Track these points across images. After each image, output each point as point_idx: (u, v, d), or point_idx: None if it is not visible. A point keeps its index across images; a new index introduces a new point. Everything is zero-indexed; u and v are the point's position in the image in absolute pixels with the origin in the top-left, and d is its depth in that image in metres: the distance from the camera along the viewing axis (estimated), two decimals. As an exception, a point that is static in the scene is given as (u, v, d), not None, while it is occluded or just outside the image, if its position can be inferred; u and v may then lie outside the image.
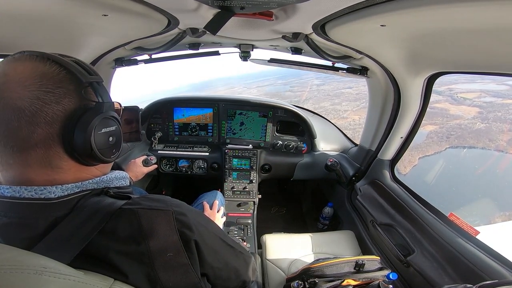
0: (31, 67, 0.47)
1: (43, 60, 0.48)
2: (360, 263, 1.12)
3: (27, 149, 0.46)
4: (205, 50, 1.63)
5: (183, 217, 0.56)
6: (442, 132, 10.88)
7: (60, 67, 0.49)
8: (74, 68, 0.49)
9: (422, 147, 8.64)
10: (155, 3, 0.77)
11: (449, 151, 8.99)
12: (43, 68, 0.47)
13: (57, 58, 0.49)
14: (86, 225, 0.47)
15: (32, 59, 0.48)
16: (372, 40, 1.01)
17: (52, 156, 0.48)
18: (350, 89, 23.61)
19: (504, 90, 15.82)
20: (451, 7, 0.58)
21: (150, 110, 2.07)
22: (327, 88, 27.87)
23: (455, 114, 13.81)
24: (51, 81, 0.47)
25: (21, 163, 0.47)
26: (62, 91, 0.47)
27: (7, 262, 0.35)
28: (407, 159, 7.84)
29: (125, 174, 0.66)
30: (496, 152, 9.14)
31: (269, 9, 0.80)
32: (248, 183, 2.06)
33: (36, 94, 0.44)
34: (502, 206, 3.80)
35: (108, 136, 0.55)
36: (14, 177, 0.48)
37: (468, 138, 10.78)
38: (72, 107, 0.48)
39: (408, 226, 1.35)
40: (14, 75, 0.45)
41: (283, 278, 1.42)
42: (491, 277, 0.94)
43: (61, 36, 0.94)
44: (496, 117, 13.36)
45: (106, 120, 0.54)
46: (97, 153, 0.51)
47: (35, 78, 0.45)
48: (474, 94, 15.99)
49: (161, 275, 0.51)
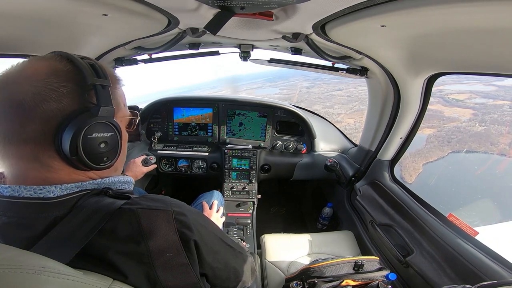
0: (47, 64, 0.49)
1: (61, 59, 0.50)
2: (359, 264, 1.12)
3: (19, 142, 0.46)
4: (205, 50, 1.63)
5: (183, 217, 0.56)
6: (442, 136, 10.85)
7: (73, 66, 0.50)
8: (84, 68, 0.49)
9: (425, 153, 8.58)
10: (155, 3, 0.76)
11: (452, 156, 8.94)
12: (57, 66, 0.49)
13: (74, 58, 0.50)
14: (86, 225, 0.47)
15: (53, 58, 0.50)
16: (372, 41, 1.01)
17: (42, 154, 0.48)
18: (340, 91, 23.35)
19: (492, 91, 15.87)
20: (451, 7, 0.58)
21: (150, 110, 2.07)
22: (317, 91, 27.62)
23: (450, 116, 13.81)
24: (58, 78, 0.47)
25: (14, 155, 0.48)
26: (65, 90, 0.47)
27: (6, 262, 0.35)
28: (411, 166, 7.79)
29: (130, 179, 0.65)
30: (499, 156, 9.11)
31: (269, 9, 0.80)
32: (248, 183, 2.06)
33: (39, 90, 0.45)
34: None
35: (99, 142, 0.51)
36: (9, 169, 0.49)
37: (469, 142, 10.75)
38: (71, 107, 0.48)
39: (407, 227, 1.35)
40: (29, 71, 0.47)
41: (283, 278, 1.42)
42: (490, 278, 0.94)
43: (61, 35, 0.94)
44: (493, 119, 13.37)
45: (100, 125, 0.51)
46: (83, 157, 0.49)
47: (45, 75, 0.47)
48: (465, 95, 16.05)
49: (161, 275, 0.50)
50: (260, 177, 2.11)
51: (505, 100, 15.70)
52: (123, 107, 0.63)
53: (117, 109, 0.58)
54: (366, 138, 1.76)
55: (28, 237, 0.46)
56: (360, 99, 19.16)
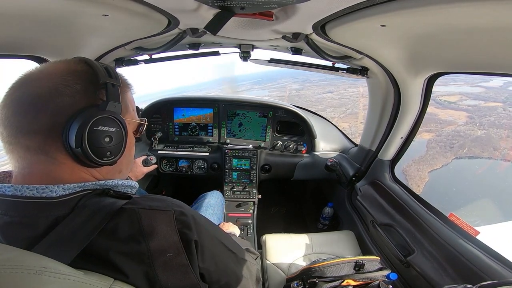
0: (67, 65, 0.53)
1: (80, 62, 0.55)
2: (360, 263, 1.12)
3: (29, 132, 0.48)
4: (205, 50, 1.63)
5: (184, 217, 0.56)
6: (442, 141, 10.77)
7: (89, 67, 0.54)
8: (98, 69, 0.53)
9: (429, 160, 8.48)
10: (155, 3, 0.77)
11: (456, 163, 8.82)
12: (75, 67, 0.53)
13: (91, 62, 0.54)
14: (87, 225, 0.47)
15: (72, 61, 0.54)
16: (372, 40, 1.01)
17: (50, 146, 0.49)
18: (330, 93, 23.13)
19: (482, 92, 15.82)
20: (451, 7, 0.58)
21: (150, 110, 2.07)
22: (307, 93, 27.38)
23: (446, 119, 13.74)
24: (75, 77, 0.51)
25: (22, 145, 0.49)
26: (79, 87, 0.50)
27: (8, 262, 0.35)
28: (417, 175, 7.67)
29: (134, 183, 0.66)
30: (504, 162, 9.02)
31: (269, 9, 0.80)
32: (248, 183, 2.06)
33: (56, 85, 0.49)
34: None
35: (104, 136, 0.52)
36: (17, 162, 0.51)
37: (472, 147, 10.66)
38: (83, 103, 0.50)
39: (408, 226, 1.34)
40: (49, 70, 0.51)
41: (283, 278, 1.42)
42: (491, 277, 0.94)
43: (62, 36, 0.94)
44: (491, 122, 13.31)
45: (106, 119, 0.52)
46: (86, 149, 0.49)
47: (63, 73, 0.51)
48: (456, 97, 16.02)
49: (161, 275, 0.50)
50: (260, 177, 2.11)
51: (497, 102, 15.68)
52: (131, 111, 0.64)
53: (126, 110, 0.61)
54: (367, 138, 1.76)
55: (30, 237, 0.46)
56: (352, 101, 18.95)
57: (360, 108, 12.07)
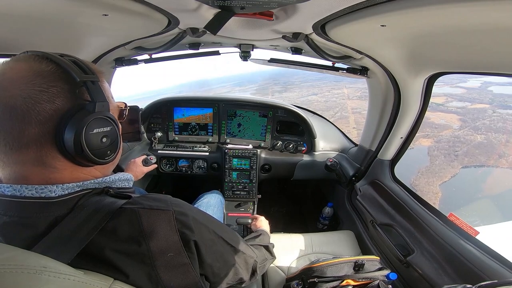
0: (28, 66, 0.47)
1: (41, 59, 0.49)
2: (359, 263, 1.12)
3: (21, 148, 0.46)
4: (205, 50, 1.63)
5: (184, 217, 0.56)
6: (444, 148, 10.67)
7: (56, 66, 0.49)
8: (69, 67, 0.49)
9: (437, 171, 8.32)
10: (155, 3, 0.76)
11: (464, 172, 8.67)
12: (39, 66, 0.48)
13: (54, 57, 0.49)
14: (87, 224, 0.47)
15: (31, 59, 0.48)
16: (372, 40, 1.01)
17: (46, 156, 0.48)
18: (315, 95, 22.78)
19: (464, 93, 15.75)
20: (451, 7, 0.58)
21: (150, 110, 2.07)
22: (290, 95, 27.04)
23: (440, 123, 13.64)
24: (46, 79, 0.47)
25: (16, 161, 0.47)
26: (56, 90, 0.47)
27: (8, 262, 0.35)
28: (429, 190, 7.46)
29: (129, 176, 0.65)
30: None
31: (269, 9, 0.80)
32: (248, 183, 2.06)
33: (28, 93, 0.45)
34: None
35: (101, 137, 0.53)
36: (10, 175, 0.48)
37: (477, 155, 10.55)
38: (66, 106, 0.48)
39: (408, 226, 1.35)
40: (11, 74, 0.46)
41: (283, 278, 1.42)
42: (490, 277, 0.94)
43: (61, 36, 0.94)
44: (487, 126, 13.22)
45: (98, 121, 0.52)
46: (88, 154, 0.50)
47: (30, 77, 0.46)
48: (442, 99, 15.95)
49: (162, 275, 0.51)
50: (260, 177, 2.11)
51: (483, 103, 15.62)
52: (111, 100, 0.63)
53: (109, 103, 0.58)
54: (367, 138, 1.76)
55: (30, 237, 0.46)
56: (340, 104, 18.67)
57: (349, 112, 11.84)
